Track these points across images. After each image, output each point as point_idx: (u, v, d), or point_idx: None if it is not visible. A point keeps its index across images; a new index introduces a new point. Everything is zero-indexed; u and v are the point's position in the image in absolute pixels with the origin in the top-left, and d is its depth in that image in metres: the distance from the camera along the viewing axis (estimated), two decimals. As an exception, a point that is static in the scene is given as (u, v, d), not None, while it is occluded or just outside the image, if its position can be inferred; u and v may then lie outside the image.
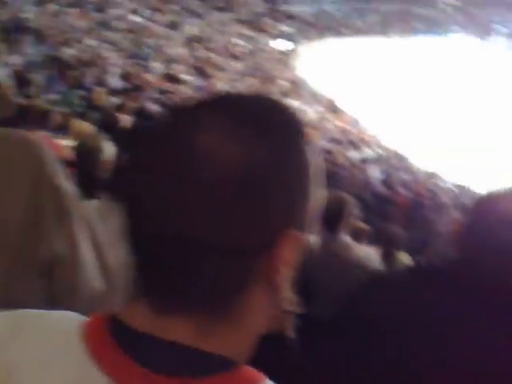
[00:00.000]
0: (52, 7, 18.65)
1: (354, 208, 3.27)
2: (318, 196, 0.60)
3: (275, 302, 0.58)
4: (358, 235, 4.12)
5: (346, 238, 3.17)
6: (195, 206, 0.52)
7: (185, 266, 0.53)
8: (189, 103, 0.60)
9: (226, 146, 0.53)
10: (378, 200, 9.56)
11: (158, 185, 0.53)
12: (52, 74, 12.26)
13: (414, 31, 36.22)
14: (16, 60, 12.18)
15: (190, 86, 17.01)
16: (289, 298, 0.59)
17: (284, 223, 0.55)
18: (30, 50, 14.29)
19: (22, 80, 8.57)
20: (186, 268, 0.53)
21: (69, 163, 2.34)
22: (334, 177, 12.90)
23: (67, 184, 1.16)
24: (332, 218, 3.03)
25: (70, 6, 19.44)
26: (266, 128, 0.55)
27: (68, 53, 14.72)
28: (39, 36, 15.48)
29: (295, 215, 0.57)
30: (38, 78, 10.65)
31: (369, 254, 3.53)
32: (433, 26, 37.79)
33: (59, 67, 12.89)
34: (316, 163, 0.60)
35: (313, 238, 0.60)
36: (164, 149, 0.54)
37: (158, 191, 0.53)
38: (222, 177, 0.52)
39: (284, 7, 33.43)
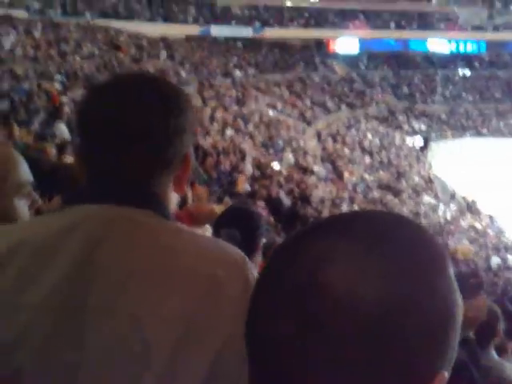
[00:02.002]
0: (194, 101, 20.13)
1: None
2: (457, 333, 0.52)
3: None
4: (502, 351, 3.57)
5: (495, 355, 2.83)
6: (330, 354, 0.46)
7: None
8: (310, 227, 0.53)
9: (363, 285, 0.47)
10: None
11: (287, 329, 0.48)
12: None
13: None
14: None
15: (319, 177, 17.11)
16: None
17: (434, 366, 0.50)
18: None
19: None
20: None
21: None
22: (472, 281, 12.02)
23: None
24: (484, 333, 2.75)
25: (211, 99, 20.86)
26: (406, 260, 0.49)
27: (207, 141, 15.55)
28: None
29: (445, 355, 0.51)
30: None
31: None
32: None
33: (200, 154, 13.64)
34: (457, 289, 0.52)
35: None
36: (289, 286, 0.49)
37: (288, 333, 0.47)
38: (361, 322, 0.46)
39: (419, 105, 33.36)
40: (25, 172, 1.39)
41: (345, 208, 14.52)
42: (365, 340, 0.46)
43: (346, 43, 35.43)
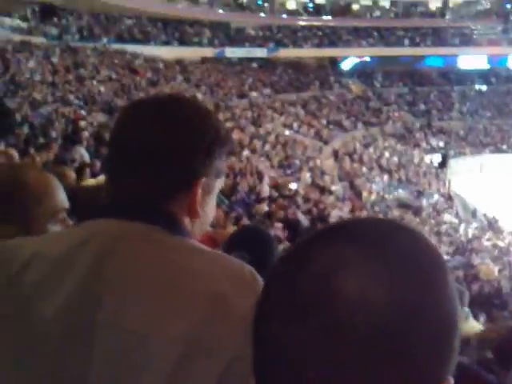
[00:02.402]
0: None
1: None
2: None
3: None
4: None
5: None
6: (346, 360, 0.47)
7: None
8: (315, 235, 0.54)
9: (374, 291, 0.48)
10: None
11: (300, 337, 0.49)
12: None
13: None
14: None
15: (337, 197, 16.97)
16: None
17: (441, 372, 0.51)
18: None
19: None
20: None
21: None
22: (496, 301, 11.76)
23: None
24: (507, 353, 2.65)
25: (227, 120, 20.94)
26: (414, 264, 0.50)
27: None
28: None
29: (451, 360, 0.51)
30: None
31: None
32: None
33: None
34: (457, 298, 0.53)
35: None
36: (299, 295, 0.50)
37: (299, 340, 0.49)
38: (373, 327, 0.47)
39: (436, 122, 33.16)
40: (61, 198, 1.41)
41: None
42: (375, 344, 0.47)
43: (360, 61, 35.54)
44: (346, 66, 36.17)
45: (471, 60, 37.29)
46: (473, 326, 2.17)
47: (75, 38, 25.04)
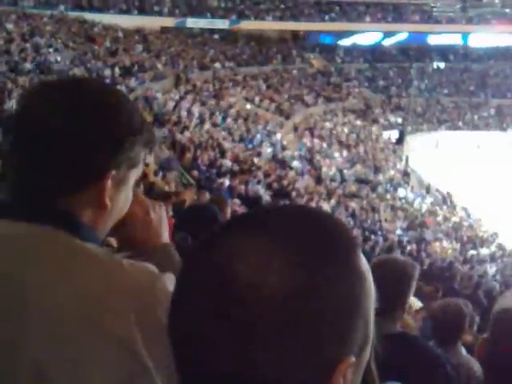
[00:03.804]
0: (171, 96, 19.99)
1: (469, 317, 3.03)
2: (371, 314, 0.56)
3: None
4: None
5: (463, 352, 2.85)
6: (242, 342, 0.50)
7: None
8: (225, 224, 0.57)
9: (266, 277, 0.50)
10: (491, 301, 8.97)
11: (203, 324, 0.51)
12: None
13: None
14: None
15: (296, 172, 17.16)
16: None
17: (338, 350, 0.52)
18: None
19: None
20: None
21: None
22: (446, 274, 12.22)
23: None
24: (450, 331, 2.79)
25: (187, 93, 20.73)
26: (306, 249, 0.52)
27: (185, 136, 15.45)
28: (160, 120, 16.50)
29: (349, 340, 0.53)
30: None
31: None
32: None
33: (178, 149, 13.58)
34: (368, 279, 0.56)
35: None
36: (201, 283, 0.52)
37: (205, 331, 0.51)
38: (264, 311, 0.49)
39: (394, 98, 33.63)
40: None
41: (323, 202, 14.60)
42: (271, 327, 0.49)
43: (322, 36, 35.54)
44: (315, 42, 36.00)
45: (430, 37, 37.78)
46: (413, 303, 2.31)
47: (31, 4, 24.16)
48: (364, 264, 0.56)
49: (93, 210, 0.89)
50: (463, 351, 2.85)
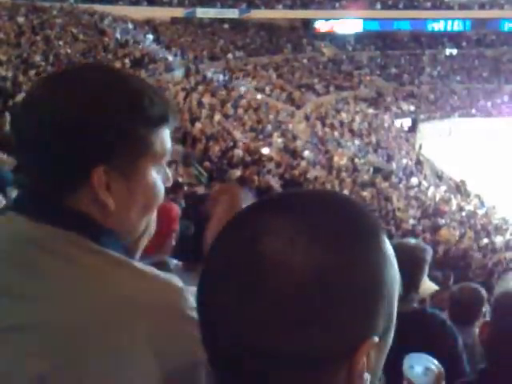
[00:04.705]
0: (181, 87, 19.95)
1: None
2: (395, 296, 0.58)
3: None
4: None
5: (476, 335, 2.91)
6: (268, 316, 0.52)
7: (262, 378, 0.53)
8: (253, 205, 0.60)
9: (292, 254, 0.52)
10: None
11: (229, 297, 0.53)
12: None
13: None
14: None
15: (308, 161, 17.09)
16: None
17: (361, 330, 0.54)
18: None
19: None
20: (264, 380, 0.53)
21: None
22: (461, 263, 12.16)
23: None
24: (467, 312, 2.87)
25: (197, 83, 20.67)
26: (331, 231, 0.54)
27: (197, 127, 15.42)
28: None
29: (372, 320, 0.55)
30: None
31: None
32: None
33: (189, 140, 13.56)
34: (392, 263, 0.58)
35: None
36: (230, 257, 0.55)
37: (230, 303, 0.53)
38: (289, 286, 0.52)
39: (407, 86, 33.30)
40: None
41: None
42: (297, 303, 0.51)
43: (335, 24, 35.23)
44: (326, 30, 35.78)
45: (442, 24, 37.32)
46: (429, 286, 2.33)
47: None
48: (388, 248, 0.57)
49: (99, 209, 0.82)
50: (476, 334, 2.90)
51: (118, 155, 0.80)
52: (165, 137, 0.86)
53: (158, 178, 0.86)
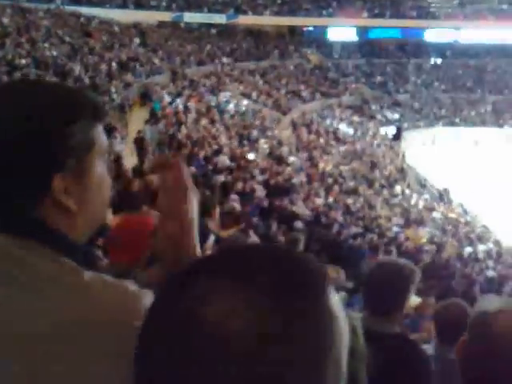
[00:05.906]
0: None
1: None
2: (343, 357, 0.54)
3: None
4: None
5: None
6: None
7: None
8: (191, 266, 0.56)
9: (231, 320, 0.49)
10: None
11: (173, 365, 0.50)
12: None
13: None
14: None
15: (293, 167, 17.11)
16: None
17: None
18: (147, 128, 15.23)
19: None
20: None
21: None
22: (443, 272, 12.22)
23: None
24: (454, 330, 2.73)
25: (184, 88, 20.65)
26: (270, 291, 0.51)
27: (182, 132, 15.39)
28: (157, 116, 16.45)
29: (317, 381, 0.51)
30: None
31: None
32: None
33: (174, 145, 13.52)
34: (341, 323, 0.54)
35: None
36: (170, 325, 0.51)
37: (175, 372, 0.50)
38: (234, 355, 0.48)
39: (393, 95, 33.57)
40: None
41: (319, 200, 14.58)
42: (238, 372, 0.48)
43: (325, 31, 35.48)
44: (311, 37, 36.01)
45: (428, 33, 37.72)
46: (413, 301, 2.33)
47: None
48: (335, 303, 0.54)
49: (64, 214, 0.84)
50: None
51: (68, 159, 0.83)
52: (101, 131, 0.90)
53: (104, 167, 0.91)
